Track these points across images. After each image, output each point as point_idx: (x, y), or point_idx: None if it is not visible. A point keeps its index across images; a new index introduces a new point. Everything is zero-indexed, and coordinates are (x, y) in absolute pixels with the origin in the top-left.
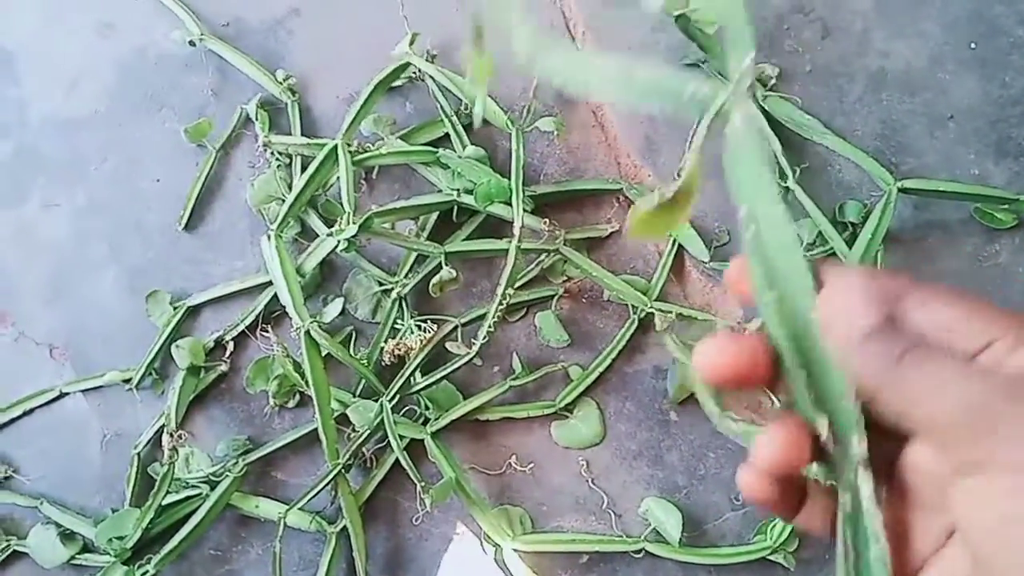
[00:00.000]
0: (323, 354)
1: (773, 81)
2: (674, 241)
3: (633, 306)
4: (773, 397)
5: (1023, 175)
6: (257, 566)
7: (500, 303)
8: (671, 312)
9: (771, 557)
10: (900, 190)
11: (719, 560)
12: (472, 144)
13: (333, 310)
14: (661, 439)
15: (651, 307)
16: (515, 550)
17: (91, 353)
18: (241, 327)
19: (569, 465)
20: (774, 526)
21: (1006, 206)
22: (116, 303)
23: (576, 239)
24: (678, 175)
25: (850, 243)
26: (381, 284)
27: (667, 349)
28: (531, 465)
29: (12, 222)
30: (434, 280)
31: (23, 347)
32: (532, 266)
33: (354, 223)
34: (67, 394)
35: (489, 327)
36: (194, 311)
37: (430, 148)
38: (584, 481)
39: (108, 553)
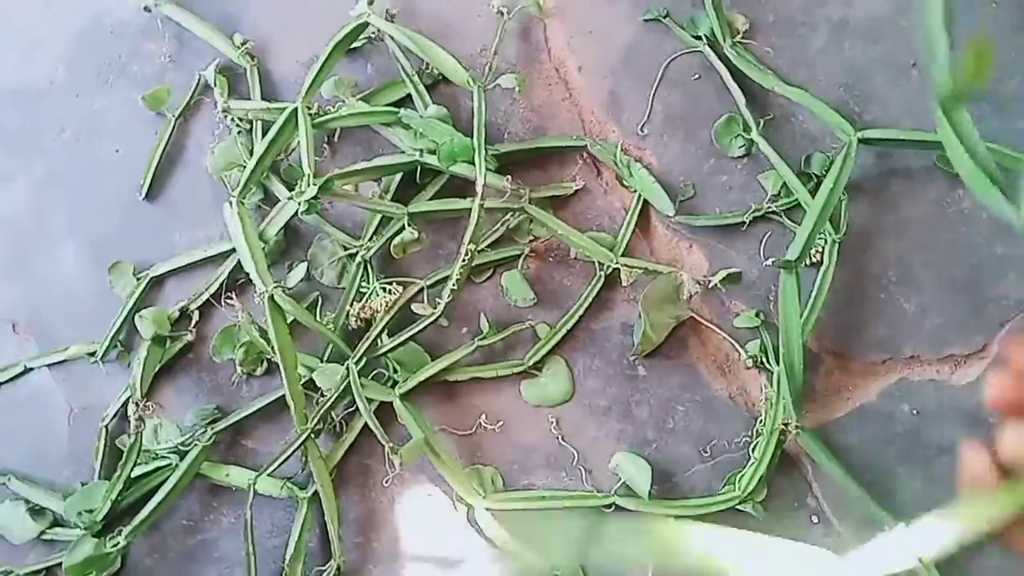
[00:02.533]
0: (289, 320)
1: (740, 35)
2: (639, 197)
3: (599, 263)
4: None
5: (985, 120)
6: (230, 534)
7: (464, 262)
8: (637, 268)
9: (740, 507)
10: (860, 140)
11: (688, 511)
12: (434, 104)
13: (297, 275)
14: (630, 394)
15: (617, 263)
16: (487, 509)
17: (55, 328)
18: (206, 296)
19: (539, 423)
20: (742, 476)
21: None
22: (78, 276)
23: (541, 197)
24: (641, 130)
25: (815, 194)
26: (346, 248)
27: (635, 305)
28: (501, 424)
29: None
30: (396, 241)
31: None
32: (497, 226)
33: (314, 185)
34: (31, 369)
35: (453, 286)
36: (158, 281)
37: (392, 109)
38: (554, 438)
39: (78, 527)
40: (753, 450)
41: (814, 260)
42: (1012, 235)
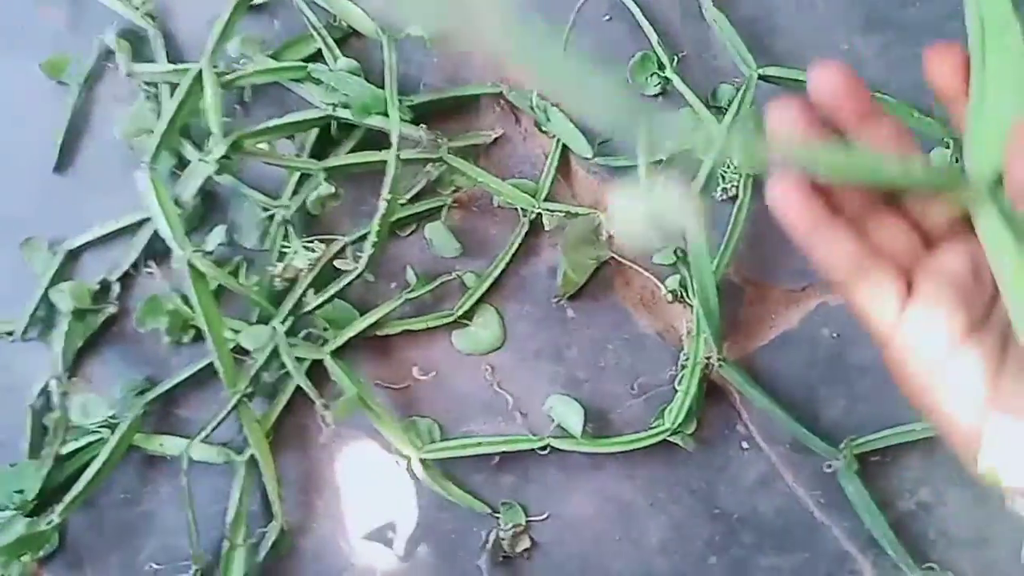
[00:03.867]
0: (212, 285)
1: None
2: (558, 141)
3: (522, 210)
4: None
5: (892, 47)
6: (169, 504)
7: (383, 214)
8: (559, 212)
9: (671, 439)
10: (761, 77)
11: (621, 447)
12: (345, 57)
13: (215, 238)
14: (560, 336)
15: (540, 208)
16: (424, 459)
17: None
18: (125, 266)
19: (473, 371)
20: (671, 410)
21: None
22: None
23: (461, 147)
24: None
25: None
26: (266, 209)
27: (559, 248)
28: (435, 375)
29: None
30: (313, 197)
31: None
32: (418, 178)
33: (222, 144)
34: None
35: (374, 239)
36: (75, 255)
37: (300, 64)
38: (489, 386)
39: (8, 508)
40: (679, 384)
41: (731, 195)
42: None
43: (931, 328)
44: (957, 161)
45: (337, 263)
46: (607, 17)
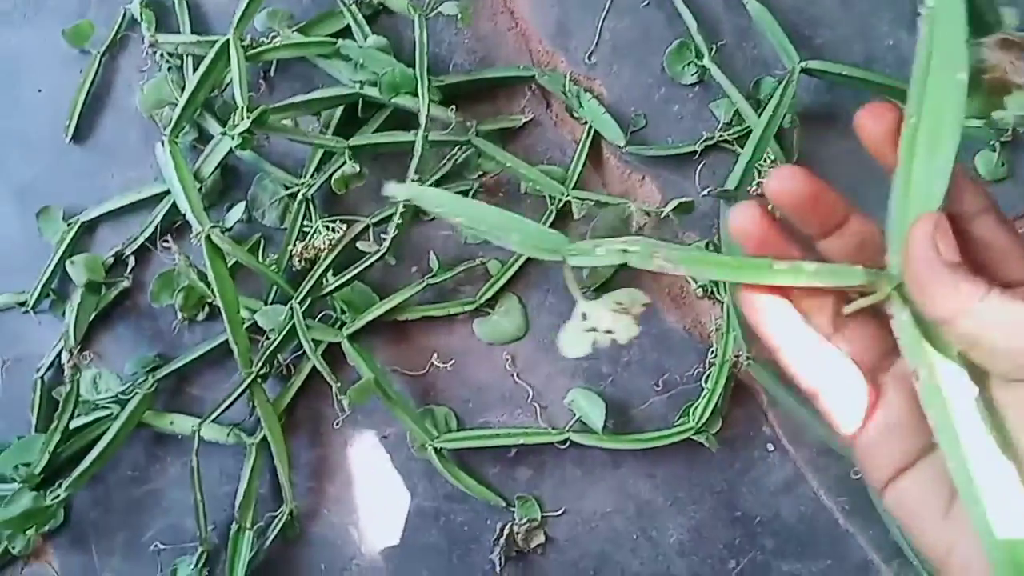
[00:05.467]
0: (229, 262)
1: None
2: (590, 128)
3: (551, 197)
4: None
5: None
6: (178, 484)
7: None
8: (588, 200)
9: (695, 438)
10: (804, 70)
11: (643, 444)
12: (374, 35)
13: (235, 214)
14: None
15: (569, 196)
16: (439, 449)
17: None
18: (140, 240)
19: (493, 361)
20: (696, 408)
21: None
22: (3, 222)
23: (489, 130)
24: (589, 59)
25: None
26: (287, 187)
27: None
28: (453, 363)
29: None
30: (337, 176)
31: None
32: (445, 161)
33: (247, 118)
34: None
35: (399, 220)
36: (90, 227)
37: (329, 39)
38: (509, 376)
39: (14, 480)
40: (706, 381)
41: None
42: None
43: (891, 442)
44: (1003, 166)
45: (358, 245)
46: (645, 3)
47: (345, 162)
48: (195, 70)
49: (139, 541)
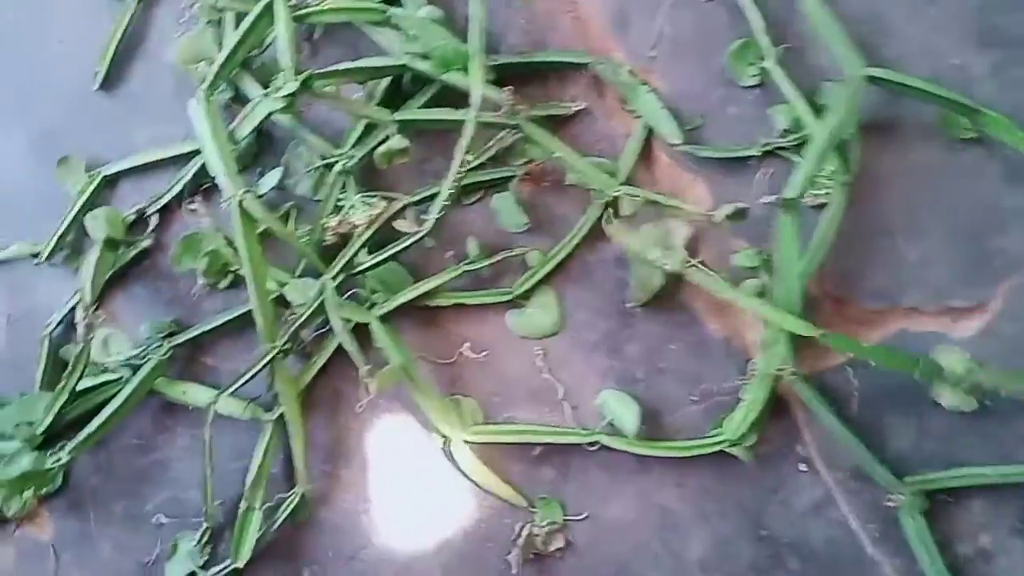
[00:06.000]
0: (259, 229)
1: None
2: (644, 123)
3: (597, 190)
4: None
5: (1004, 67)
6: (185, 455)
7: (457, 177)
8: (638, 197)
9: (728, 450)
10: (867, 78)
11: (676, 452)
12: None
13: (270, 180)
14: (620, 330)
15: (618, 191)
16: (465, 441)
17: None
18: (167, 198)
19: (524, 355)
20: (732, 420)
21: (966, 118)
22: (22, 169)
23: (538, 116)
24: (648, 51)
25: None
26: (324, 158)
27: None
28: (484, 354)
29: None
30: (382, 149)
31: None
32: (490, 144)
33: (295, 80)
34: None
35: (446, 201)
36: (111, 181)
37: (380, 6)
38: (539, 372)
39: (14, 439)
40: (745, 394)
41: (820, 202)
42: (1020, 188)
43: None
44: None
45: (397, 224)
46: None
47: (390, 137)
48: (236, 27)
49: (140, 512)
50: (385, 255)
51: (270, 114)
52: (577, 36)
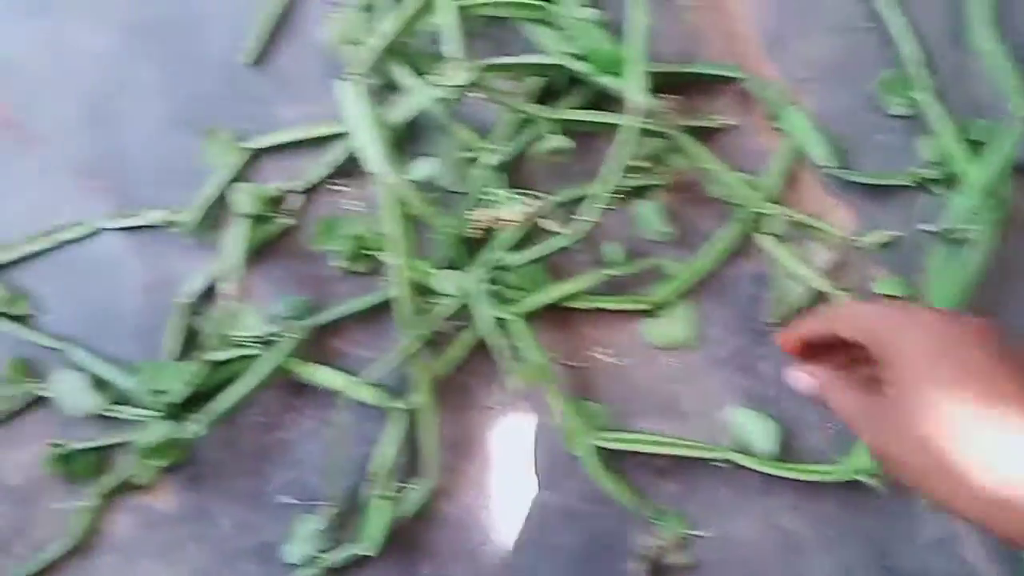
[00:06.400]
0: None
1: None
2: (792, 142)
3: (740, 206)
4: None
5: None
6: (310, 437)
7: (615, 183)
8: (782, 216)
9: (866, 480)
10: None
11: (808, 476)
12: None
13: (424, 168)
14: (754, 347)
15: (761, 208)
16: (592, 446)
17: (131, 190)
18: (313, 179)
19: (655, 366)
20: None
21: None
22: (164, 136)
23: (688, 126)
24: (801, 72)
25: (975, 165)
26: (470, 150)
27: (765, 256)
28: (619, 359)
29: (45, 30)
30: (544, 146)
31: (53, 176)
32: (641, 150)
33: (463, 71)
34: (103, 230)
35: (602, 206)
36: (254, 156)
37: (539, 3)
38: (669, 383)
39: (148, 407)
40: None
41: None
42: None
43: None
44: None
45: (544, 224)
46: (868, 23)
47: (556, 135)
48: (391, 11)
49: (263, 491)
50: (536, 255)
51: (433, 103)
52: (727, 52)
